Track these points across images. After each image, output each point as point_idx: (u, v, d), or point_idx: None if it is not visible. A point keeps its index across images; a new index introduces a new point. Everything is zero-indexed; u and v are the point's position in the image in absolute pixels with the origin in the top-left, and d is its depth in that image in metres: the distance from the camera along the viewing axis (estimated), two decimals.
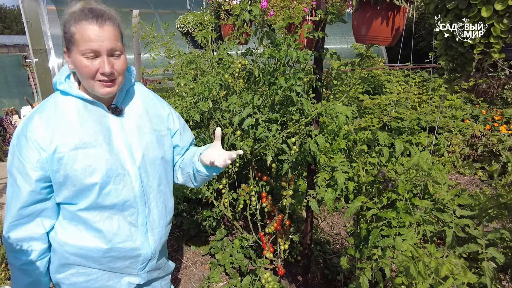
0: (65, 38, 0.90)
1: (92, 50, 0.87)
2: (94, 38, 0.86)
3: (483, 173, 3.85)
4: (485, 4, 0.84)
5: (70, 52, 0.90)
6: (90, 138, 0.94)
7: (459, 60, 0.98)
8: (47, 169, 0.91)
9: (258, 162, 1.97)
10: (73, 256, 1.00)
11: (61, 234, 0.99)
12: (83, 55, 0.87)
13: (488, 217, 1.24)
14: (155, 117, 1.09)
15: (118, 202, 0.98)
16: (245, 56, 1.73)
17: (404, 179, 1.30)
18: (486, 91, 5.48)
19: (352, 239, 1.46)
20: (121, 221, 1.00)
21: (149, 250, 1.07)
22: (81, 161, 0.92)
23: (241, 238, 2.30)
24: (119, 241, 1.00)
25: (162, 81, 3.09)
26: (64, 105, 0.95)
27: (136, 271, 1.09)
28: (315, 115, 1.47)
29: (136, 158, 1.00)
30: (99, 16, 0.88)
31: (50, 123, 0.92)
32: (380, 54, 7.59)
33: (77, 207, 0.96)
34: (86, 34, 0.86)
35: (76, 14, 0.88)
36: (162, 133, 1.10)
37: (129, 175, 0.99)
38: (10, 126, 6.71)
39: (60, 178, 0.92)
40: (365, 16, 1.29)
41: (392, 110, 3.81)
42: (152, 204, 1.06)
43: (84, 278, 1.04)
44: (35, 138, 0.90)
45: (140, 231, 1.04)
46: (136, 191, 1.00)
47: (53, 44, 5.02)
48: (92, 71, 0.89)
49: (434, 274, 1.01)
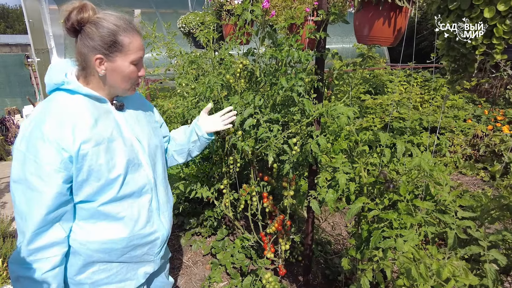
0: (106, 45, 0.94)
1: (141, 57, 1.02)
2: (142, 47, 1.02)
3: (485, 174, 3.84)
4: (488, 5, 0.83)
5: (113, 58, 0.96)
6: (106, 133, 0.99)
7: (461, 61, 0.98)
8: (70, 168, 0.92)
9: (259, 162, 1.97)
10: (97, 253, 1.02)
11: (80, 234, 1.00)
12: (132, 62, 0.99)
13: (490, 218, 1.23)
14: (145, 110, 1.20)
15: (137, 189, 1.06)
16: (246, 56, 1.73)
17: (405, 180, 1.30)
18: (489, 91, 5.46)
19: (353, 240, 1.46)
20: (140, 208, 1.07)
21: (164, 231, 1.17)
22: (104, 155, 0.96)
23: (242, 238, 2.30)
24: (140, 227, 1.07)
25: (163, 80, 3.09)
26: (74, 104, 0.97)
27: (152, 257, 1.16)
28: (316, 115, 1.46)
29: (145, 147, 1.10)
30: (138, 28, 1.01)
31: (65, 122, 0.92)
32: (382, 54, 7.57)
33: (98, 203, 0.98)
34: (137, 44, 0.99)
35: (122, 25, 0.97)
36: (154, 124, 1.22)
37: (142, 164, 1.08)
38: (12, 126, 6.73)
39: (84, 175, 0.94)
40: (367, 16, 1.28)
41: (394, 110, 3.80)
42: (160, 189, 1.16)
43: (105, 274, 1.06)
44: (54, 139, 0.89)
45: (155, 214, 1.13)
46: (150, 177, 1.10)
47: (55, 44, 5.02)
48: (137, 75, 1.03)
49: (435, 276, 1.00)
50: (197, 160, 2.45)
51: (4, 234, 2.48)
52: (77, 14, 0.92)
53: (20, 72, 8.41)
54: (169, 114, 2.48)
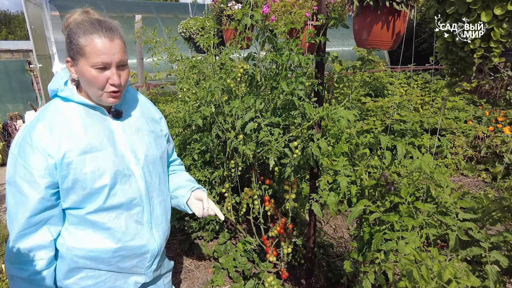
0: (71, 48, 0.92)
1: (104, 63, 0.90)
2: (106, 51, 0.89)
3: (486, 175, 3.84)
4: (485, 9, 0.84)
5: (76, 62, 0.92)
6: (96, 141, 0.96)
7: (460, 64, 0.99)
8: (55, 175, 0.92)
9: (260, 165, 1.98)
10: (83, 260, 1.01)
11: (68, 239, 1.00)
12: (93, 67, 0.90)
13: (491, 220, 1.24)
14: (150, 119, 1.15)
15: (125, 201, 1.01)
16: (247, 61, 1.74)
17: (406, 182, 1.31)
18: (489, 92, 5.47)
19: (355, 243, 1.46)
20: (128, 220, 1.03)
21: (155, 246, 1.11)
22: (90, 164, 0.94)
23: (244, 242, 2.30)
24: (128, 239, 1.04)
25: (164, 85, 3.11)
26: (67, 111, 0.96)
27: (143, 270, 1.12)
28: (317, 119, 1.47)
29: (140, 159, 1.05)
30: (108, 30, 0.91)
31: (54, 129, 0.92)
32: (382, 56, 7.59)
33: (85, 211, 0.97)
34: (98, 47, 0.89)
35: (85, 26, 0.90)
36: (158, 134, 1.15)
37: (134, 175, 1.03)
38: (14, 131, 6.76)
39: (69, 183, 0.93)
40: (366, 20, 1.30)
41: (395, 113, 3.81)
42: (156, 201, 1.11)
43: (93, 281, 1.05)
44: (42, 145, 0.90)
45: (146, 228, 1.08)
46: (141, 190, 1.05)
47: (56, 50, 5.06)
48: (102, 82, 0.92)
49: (437, 278, 1.01)
50: (198, 164, 2.46)
51: (6, 239, 2.49)
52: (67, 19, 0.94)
53: (22, 78, 8.45)
54: (171, 118, 2.50)
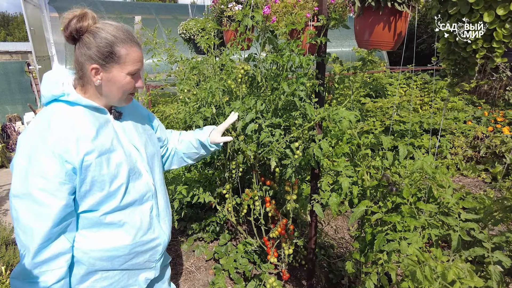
0: (105, 56, 0.94)
1: (138, 69, 1.01)
2: (141, 59, 1.01)
3: (486, 175, 3.84)
4: (487, 9, 0.84)
5: (109, 69, 0.96)
6: (108, 143, 0.99)
7: (462, 64, 0.99)
8: (74, 179, 0.93)
9: (261, 166, 1.97)
10: (100, 261, 1.02)
11: (83, 243, 1.00)
12: (128, 74, 0.99)
13: (493, 220, 1.24)
14: (141, 118, 1.21)
15: (138, 197, 1.07)
16: (247, 62, 1.74)
17: (408, 182, 1.31)
18: (488, 93, 5.48)
19: (357, 243, 1.46)
20: (142, 215, 1.09)
21: (165, 237, 1.19)
22: (107, 166, 0.97)
23: (245, 243, 2.30)
24: (142, 234, 1.09)
25: (164, 86, 3.10)
26: (75, 115, 0.96)
27: (153, 263, 1.17)
28: (318, 119, 1.47)
29: (143, 156, 1.11)
30: (137, 40, 1.01)
31: (68, 134, 0.92)
32: (382, 57, 7.60)
33: (101, 212, 0.99)
34: (135, 56, 0.98)
35: (120, 36, 0.96)
36: (150, 131, 1.23)
37: (142, 172, 1.09)
38: (13, 133, 6.74)
39: (87, 186, 0.94)
40: (367, 21, 1.30)
41: (395, 113, 3.81)
42: (159, 195, 1.18)
43: (108, 282, 1.06)
44: (58, 151, 0.89)
45: (155, 221, 1.14)
46: (150, 185, 1.11)
47: (55, 51, 5.06)
48: (133, 87, 1.02)
49: (440, 279, 1.00)
50: (199, 165, 2.45)
51: (6, 241, 2.48)
52: (77, 23, 0.92)
53: (21, 79, 8.44)
54: (171, 119, 2.49)
